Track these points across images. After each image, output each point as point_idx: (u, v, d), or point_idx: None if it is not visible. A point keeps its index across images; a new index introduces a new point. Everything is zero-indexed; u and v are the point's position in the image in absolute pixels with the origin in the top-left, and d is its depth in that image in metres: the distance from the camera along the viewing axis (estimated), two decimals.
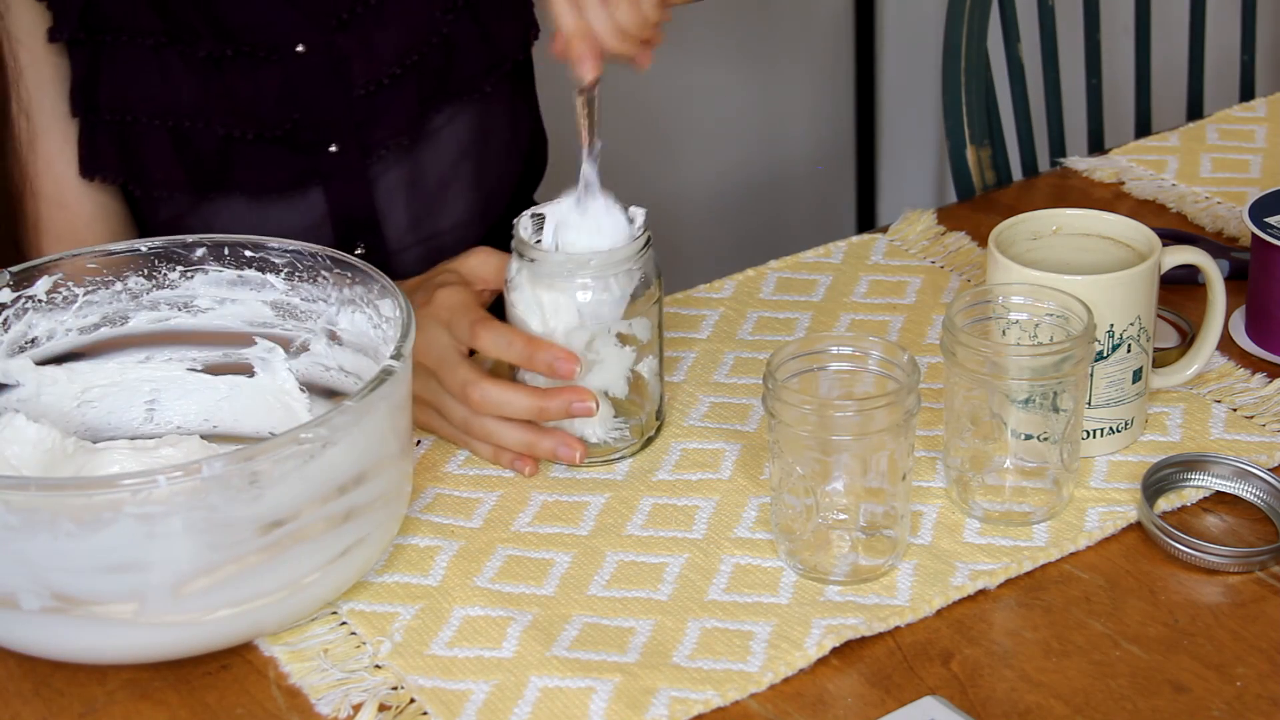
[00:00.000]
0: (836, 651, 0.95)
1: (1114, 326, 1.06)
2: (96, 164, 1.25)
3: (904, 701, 0.92)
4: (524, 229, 1.09)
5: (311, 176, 1.26)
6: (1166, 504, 1.05)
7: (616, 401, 1.11)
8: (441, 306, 1.10)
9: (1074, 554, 1.02)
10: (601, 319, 1.07)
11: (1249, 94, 1.79)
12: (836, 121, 2.61)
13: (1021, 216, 1.12)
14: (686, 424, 1.15)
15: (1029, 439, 1.04)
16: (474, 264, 1.14)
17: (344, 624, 0.99)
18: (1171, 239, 1.25)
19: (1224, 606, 0.98)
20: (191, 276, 1.11)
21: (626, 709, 0.92)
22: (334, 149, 1.26)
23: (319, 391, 1.11)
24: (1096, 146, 1.77)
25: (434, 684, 0.94)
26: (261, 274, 1.10)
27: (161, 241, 1.10)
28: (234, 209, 1.26)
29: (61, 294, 1.09)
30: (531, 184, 1.44)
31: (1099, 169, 1.46)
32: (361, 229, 1.30)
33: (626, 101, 2.39)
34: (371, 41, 1.25)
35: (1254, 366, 1.18)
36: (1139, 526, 1.04)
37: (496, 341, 1.08)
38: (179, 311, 1.11)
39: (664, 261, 1.11)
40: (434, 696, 0.93)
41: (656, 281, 1.10)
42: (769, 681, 0.93)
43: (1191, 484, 1.06)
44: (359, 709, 0.93)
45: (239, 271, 1.10)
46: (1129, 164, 1.45)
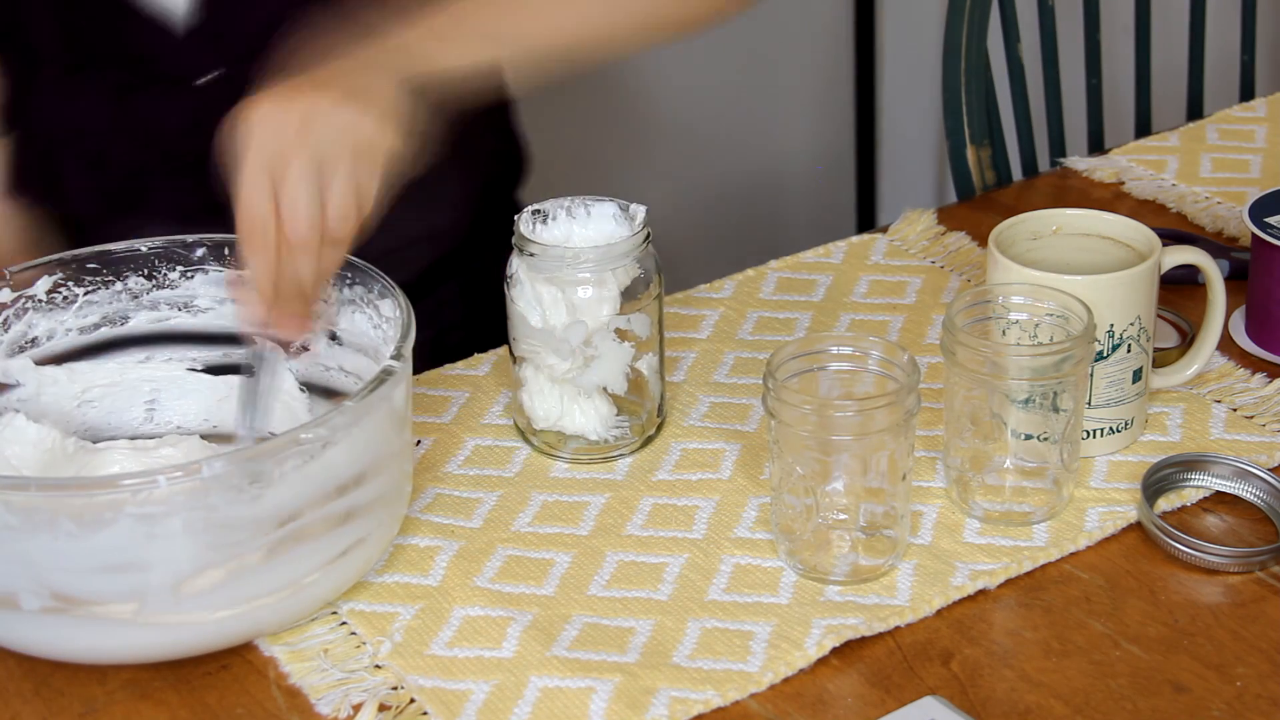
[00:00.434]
0: (836, 651, 0.95)
1: (1114, 326, 1.06)
2: (19, 182, 1.25)
3: (904, 701, 0.92)
4: (524, 224, 1.09)
5: (230, 205, 1.25)
6: (1166, 504, 1.05)
7: (616, 399, 1.11)
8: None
9: (1074, 554, 1.02)
10: (600, 314, 1.07)
11: (1249, 94, 1.79)
12: (836, 121, 2.61)
13: (1021, 216, 1.13)
14: (686, 424, 1.15)
15: (1029, 439, 1.04)
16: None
17: (344, 624, 0.99)
18: (1171, 239, 1.25)
19: (1224, 606, 0.98)
20: (191, 276, 1.11)
21: (626, 709, 0.92)
22: None
23: (319, 391, 1.11)
24: (1096, 146, 1.77)
25: (434, 684, 0.94)
26: None
27: (162, 241, 1.11)
28: (156, 230, 1.25)
29: (62, 294, 1.10)
30: (511, 185, 1.44)
31: (1099, 169, 1.46)
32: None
33: (627, 101, 2.39)
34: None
35: (1254, 366, 1.18)
36: (1139, 526, 1.04)
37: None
38: (179, 311, 1.11)
39: (664, 261, 1.11)
40: (434, 696, 0.93)
41: (657, 278, 1.10)
42: (769, 681, 0.93)
43: (1191, 484, 1.06)
44: (359, 709, 0.93)
45: (239, 271, 1.10)
46: (1129, 164, 1.45)
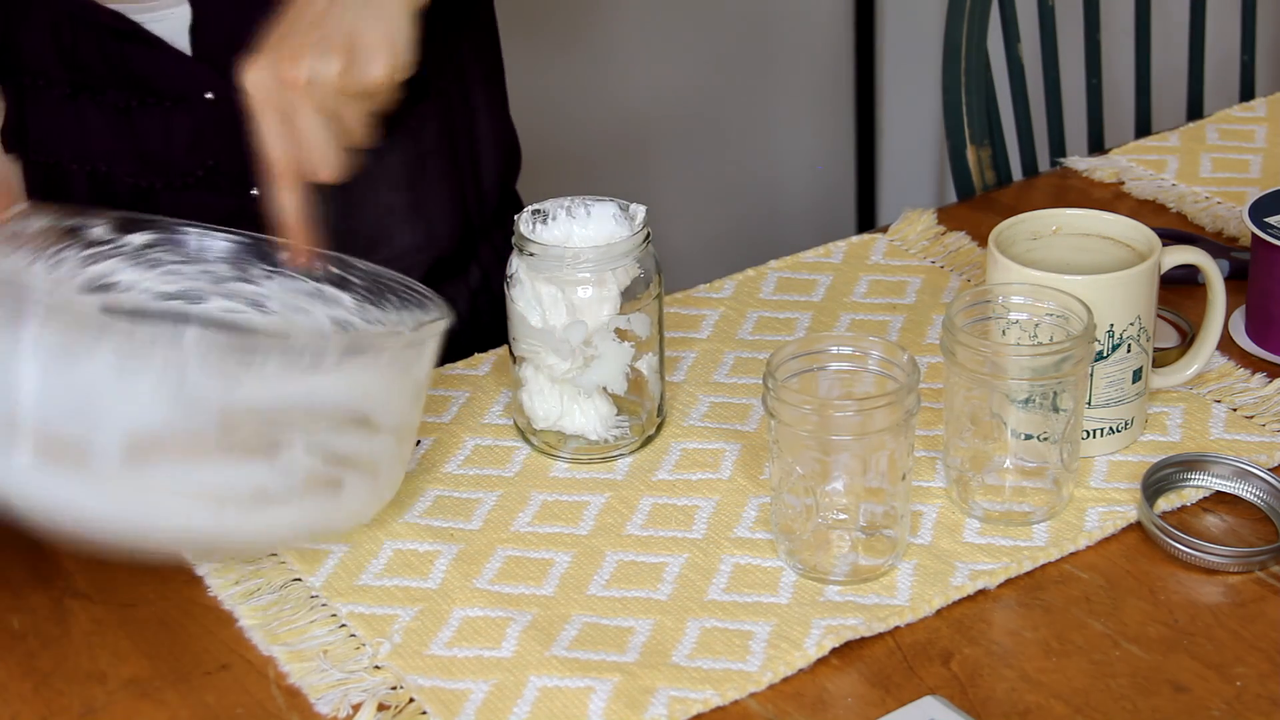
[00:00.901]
0: (836, 651, 0.95)
1: (1114, 326, 1.06)
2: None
3: (904, 701, 0.92)
4: (524, 224, 1.09)
5: (240, 218, 1.25)
6: (1166, 504, 1.05)
7: (616, 399, 1.11)
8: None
9: (1074, 554, 1.02)
10: (600, 314, 1.07)
11: (1249, 94, 1.79)
12: (836, 121, 2.61)
13: (1021, 216, 1.12)
14: (686, 424, 1.15)
15: (1029, 439, 1.04)
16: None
17: (343, 626, 0.99)
18: (1171, 239, 1.26)
19: (1224, 606, 0.98)
20: (271, 278, 1.11)
21: (626, 709, 0.92)
22: (256, 192, 1.25)
23: None
24: (1096, 146, 1.77)
25: (433, 684, 0.94)
26: (336, 290, 1.10)
27: (252, 237, 1.11)
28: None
29: (151, 255, 1.10)
30: (509, 178, 1.44)
31: (1099, 169, 1.46)
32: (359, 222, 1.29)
33: (627, 100, 2.39)
34: None
35: (1254, 366, 1.18)
36: (1139, 526, 1.04)
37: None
38: (250, 308, 1.12)
39: (664, 261, 1.11)
40: (433, 696, 0.93)
41: (656, 278, 1.10)
42: (768, 681, 0.93)
43: (1191, 484, 1.06)
44: (358, 709, 0.93)
45: (317, 284, 1.10)
46: (1129, 164, 1.45)
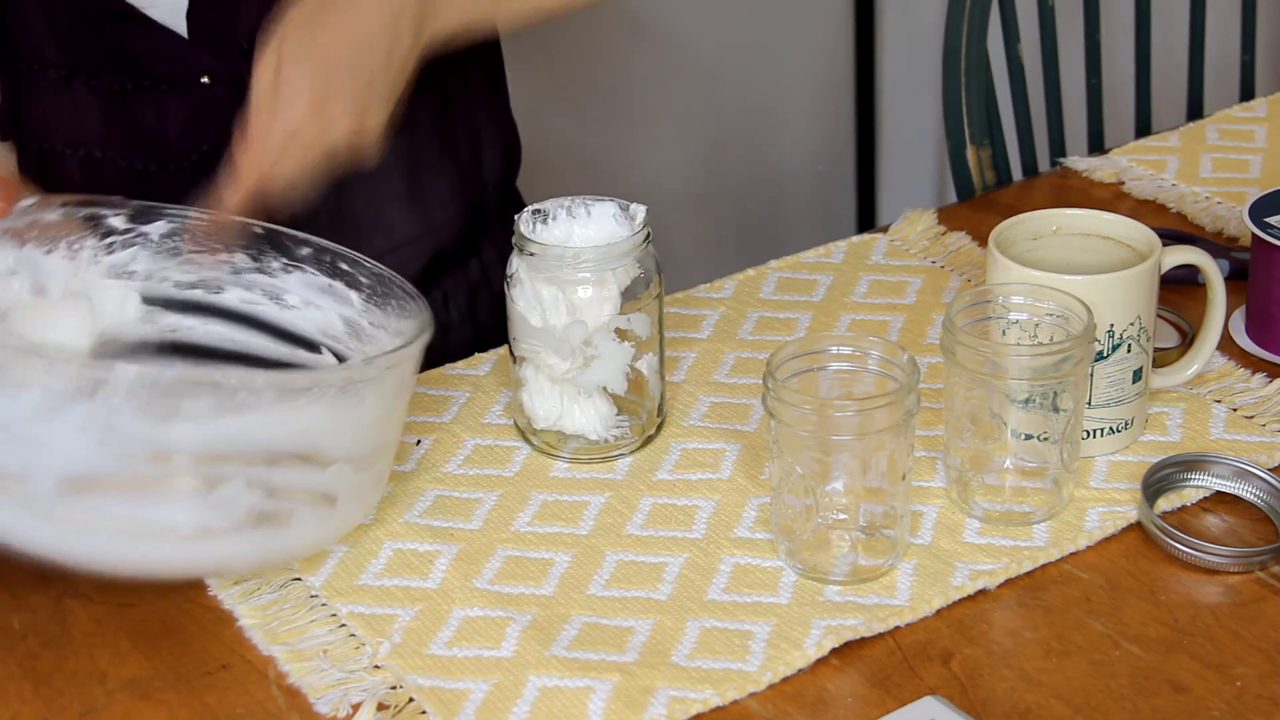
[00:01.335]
0: (836, 651, 0.95)
1: (1114, 326, 1.06)
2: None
3: (904, 701, 0.92)
4: (524, 224, 1.09)
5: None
6: (1166, 504, 1.05)
7: (616, 399, 1.11)
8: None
9: (1074, 554, 1.02)
10: (600, 314, 1.07)
11: (1249, 94, 1.79)
12: (836, 121, 2.61)
13: (1021, 216, 1.12)
14: (686, 424, 1.15)
15: (1029, 439, 1.04)
16: None
17: (343, 626, 0.99)
18: (1171, 239, 1.25)
19: (1224, 606, 0.98)
20: (291, 272, 1.11)
21: (625, 708, 0.92)
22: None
23: None
24: (1096, 146, 1.77)
25: (433, 683, 0.94)
26: (347, 289, 1.10)
27: (269, 229, 1.11)
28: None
29: (172, 243, 1.10)
30: (509, 176, 1.44)
31: (1099, 169, 1.46)
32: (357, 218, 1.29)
33: (627, 100, 2.39)
34: None
35: (1254, 366, 1.18)
36: (1139, 526, 1.04)
37: None
38: (269, 300, 1.12)
39: (664, 261, 1.11)
40: (433, 696, 0.93)
41: (657, 278, 1.10)
42: (768, 681, 0.93)
43: (1191, 484, 1.06)
44: (358, 708, 0.93)
45: (330, 280, 1.10)
46: (1129, 164, 1.45)
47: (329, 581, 1.02)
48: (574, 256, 1.07)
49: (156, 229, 1.10)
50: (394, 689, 0.94)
